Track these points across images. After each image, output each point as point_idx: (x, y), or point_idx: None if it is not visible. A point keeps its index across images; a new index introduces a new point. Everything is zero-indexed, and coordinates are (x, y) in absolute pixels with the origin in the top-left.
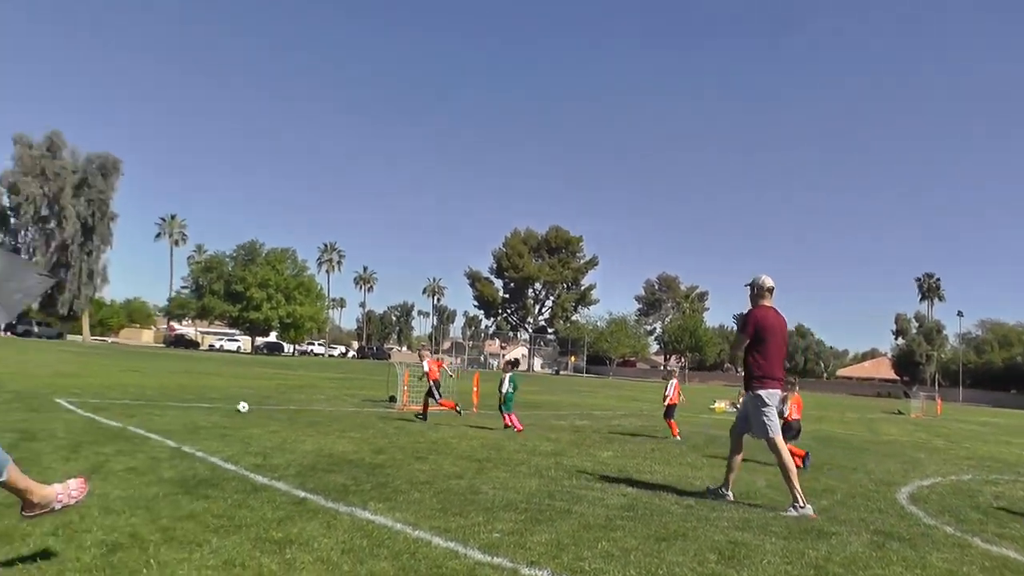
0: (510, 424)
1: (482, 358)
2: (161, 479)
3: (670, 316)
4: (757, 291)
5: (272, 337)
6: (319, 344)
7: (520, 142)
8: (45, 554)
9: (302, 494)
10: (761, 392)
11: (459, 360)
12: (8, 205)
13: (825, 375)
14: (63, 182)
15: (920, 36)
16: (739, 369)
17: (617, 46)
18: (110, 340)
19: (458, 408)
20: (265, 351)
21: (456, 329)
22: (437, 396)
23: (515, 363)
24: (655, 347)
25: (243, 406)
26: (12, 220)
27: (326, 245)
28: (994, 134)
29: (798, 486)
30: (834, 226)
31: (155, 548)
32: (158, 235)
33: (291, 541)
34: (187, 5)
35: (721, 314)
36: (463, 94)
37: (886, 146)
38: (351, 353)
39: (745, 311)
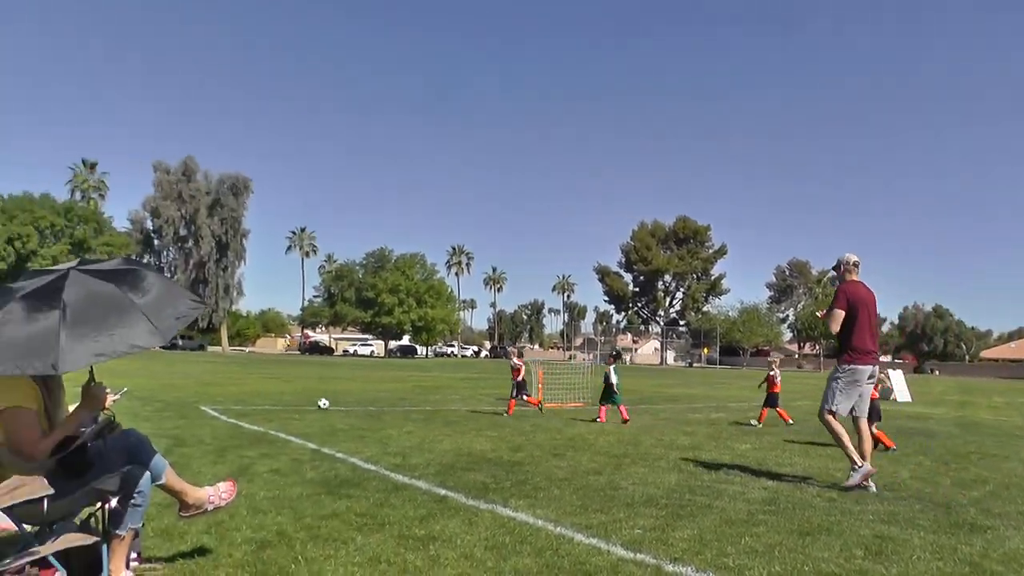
0: (600, 417)
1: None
2: (304, 480)
3: (802, 302)
4: (844, 268)
5: (405, 340)
6: (449, 345)
7: (643, 133)
8: (201, 551)
9: (443, 492)
10: (848, 366)
11: (591, 356)
12: (151, 228)
13: (967, 358)
14: (198, 204)
15: None
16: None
17: (738, 33)
18: (247, 350)
19: (541, 406)
20: (398, 354)
21: (587, 325)
22: (524, 394)
23: (618, 355)
24: (788, 335)
25: (324, 403)
26: (155, 241)
27: (454, 248)
28: None
29: (853, 450)
30: (970, 201)
31: (302, 545)
32: (289, 248)
33: (434, 538)
34: (305, 25)
35: None
36: (585, 92)
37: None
38: (484, 353)
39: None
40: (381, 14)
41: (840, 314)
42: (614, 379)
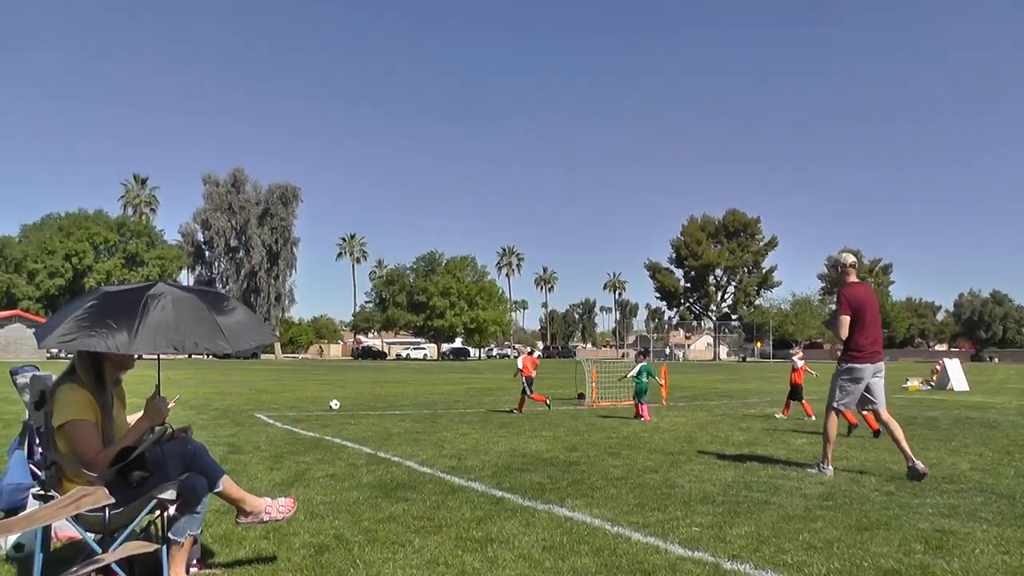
0: (641, 414)
1: (667, 350)
2: (360, 484)
3: None
4: (841, 269)
5: (457, 343)
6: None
7: (690, 126)
8: (259, 556)
9: (499, 493)
10: (846, 365)
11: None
12: (202, 240)
13: None
14: (248, 214)
15: None
16: (839, 347)
17: (784, 22)
18: (301, 356)
19: (548, 402)
20: (451, 357)
21: (639, 322)
22: (529, 391)
23: (645, 353)
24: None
25: (335, 403)
26: (207, 253)
27: (505, 249)
28: None
29: (831, 453)
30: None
31: (360, 549)
32: (339, 254)
33: (491, 539)
34: (347, 32)
35: (908, 287)
36: (630, 88)
37: None
38: (536, 353)
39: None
40: (424, 19)
41: (846, 320)
42: (641, 377)
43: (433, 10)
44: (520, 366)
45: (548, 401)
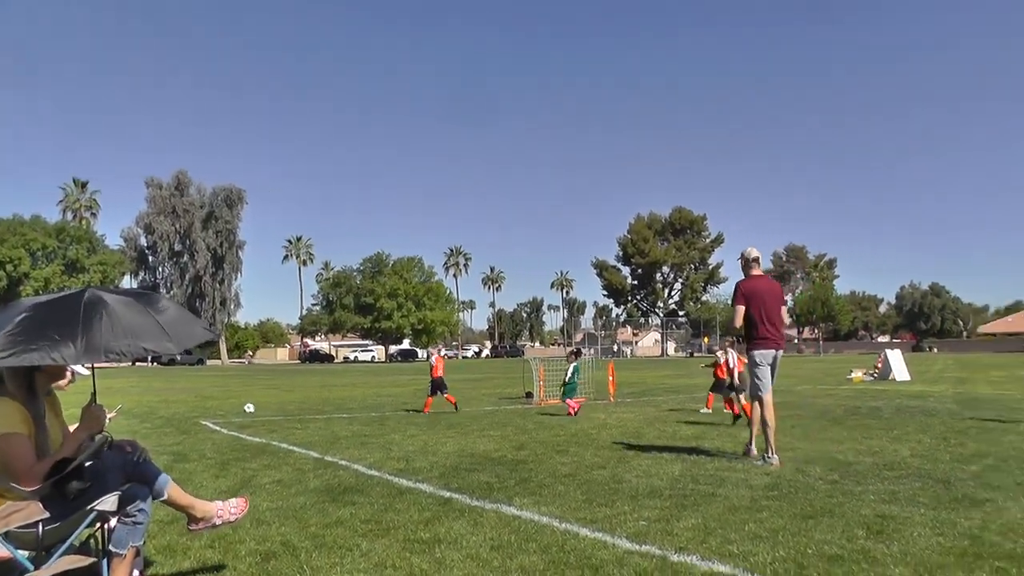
0: (572, 412)
1: (615, 347)
2: (307, 489)
3: (800, 287)
4: (744, 263)
5: (405, 344)
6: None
7: (636, 125)
8: (204, 566)
9: (447, 494)
10: (754, 353)
11: (592, 351)
12: (146, 244)
13: (965, 334)
14: (192, 218)
15: None
16: (741, 338)
17: (725, 22)
18: (247, 361)
19: (456, 405)
20: (399, 358)
21: (587, 320)
22: (443, 392)
23: (578, 352)
24: (787, 320)
25: (249, 407)
26: (150, 258)
27: (452, 249)
28: None
29: (773, 441)
30: (959, 178)
31: (307, 555)
32: (285, 257)
33: (439, 540)
34: (290, 32)
35: (852, 280)
36: (576, 87)
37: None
38: (484, 353)
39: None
40: (367, 18)
41: (741, 310)
42: (570, 375)
43: (371, 8)
44: (432, 363)
45: (456, 404)
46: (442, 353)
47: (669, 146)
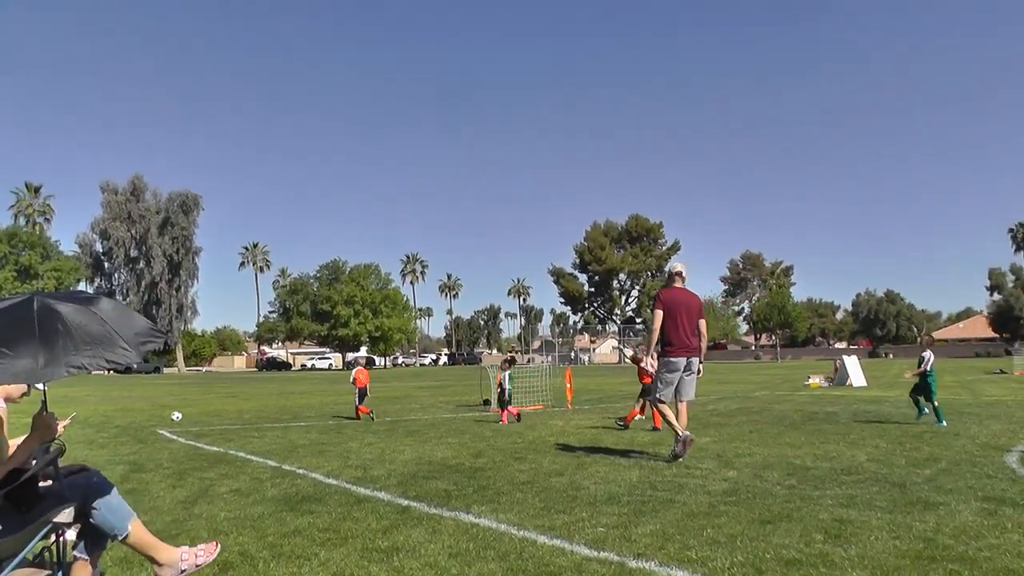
0: (507, 420)
1: (573, 354)
2: (265, 498)
3: (757, 294)
4: (668, 276)
5: (362, 352)
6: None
7: (591, 135)
8: None
9: (405, 502)
10: (666, 359)
11: (549, 358)
12: (101, 250)
13: (919, 340)
14: (148, 223)
15: None
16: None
17: (682, 27)
18: (204, 369)
19: (372, 415)
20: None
21: (545, 327)
22: (358, 402)
23: (512, 361)
24: (744, 327)
25: (176, 416)
26: (106, 264)
27: (408, 256)
28: None
29: (676, 424)
30: (914, 187)
31: (265, 564)
32: (242, 264)
33: (397, 549)
34: (244, 35)
35: (808, 287)
36: (532, 93)
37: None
38: (442, 360)
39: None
40: (323, 24)
41: (659, 315)
42: (507, 385)
43: (324, 11)
44: (352, 378)
45: (373, 415)
46: (364, 365)
47: (625, 153)
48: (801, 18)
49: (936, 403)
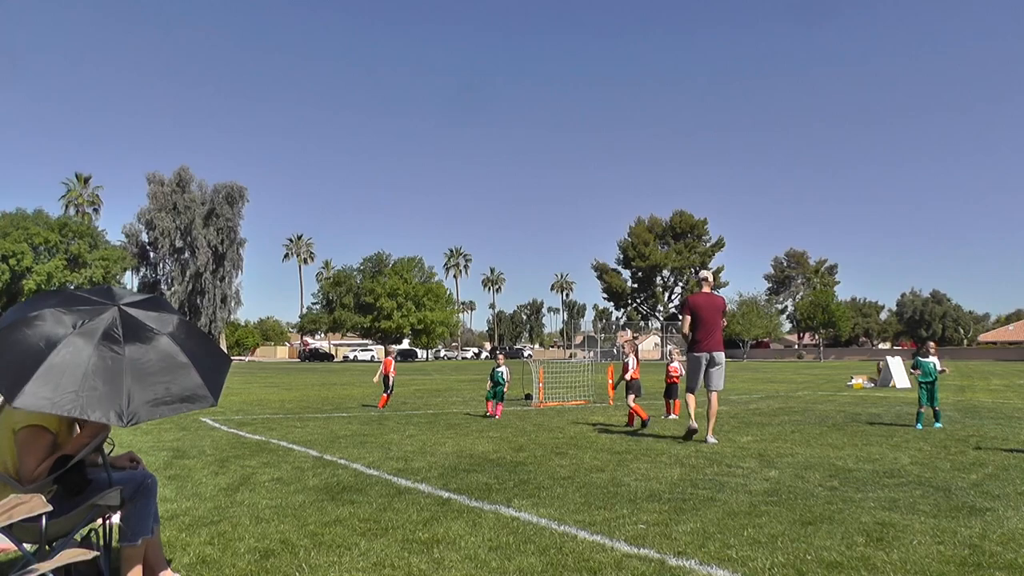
0: (494, 413)
1: (615, 350)
2: (306, 487)
3: (800, 293)
4: (696, 281)
5: (405, 344)
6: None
7: (637, 129)
8: (204, 561)
9: (446, 495)
10: (691, 354)
11: (591, 354)
12: (147, 240)
13: (965, 342)
14: (193, 214)
15: None
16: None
17: (730, 25)
18: (247, 359)
19: (384, 408)
20: (399, 358)
21: (587, 323)
22: (389, 391)
23: (503, 353)
24: (787, 326)
25: None
26: (151, 254)
27: (452, 250)
28: None
29: (692, 413)
30: (962, 186)
31: (306, 553)
32: (286, 255)
33: (438, 541)
34: (293, 30)
35: (853, 286)
36: (578, 89)
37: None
38: (484, 354)
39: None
40: (369, 18)
41: (687, 320)
42: (503, 377)
43: (374, 8)
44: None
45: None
46: (389, 357)
47: (671, 149)
48: (846, 14)
49: (936, 407)
